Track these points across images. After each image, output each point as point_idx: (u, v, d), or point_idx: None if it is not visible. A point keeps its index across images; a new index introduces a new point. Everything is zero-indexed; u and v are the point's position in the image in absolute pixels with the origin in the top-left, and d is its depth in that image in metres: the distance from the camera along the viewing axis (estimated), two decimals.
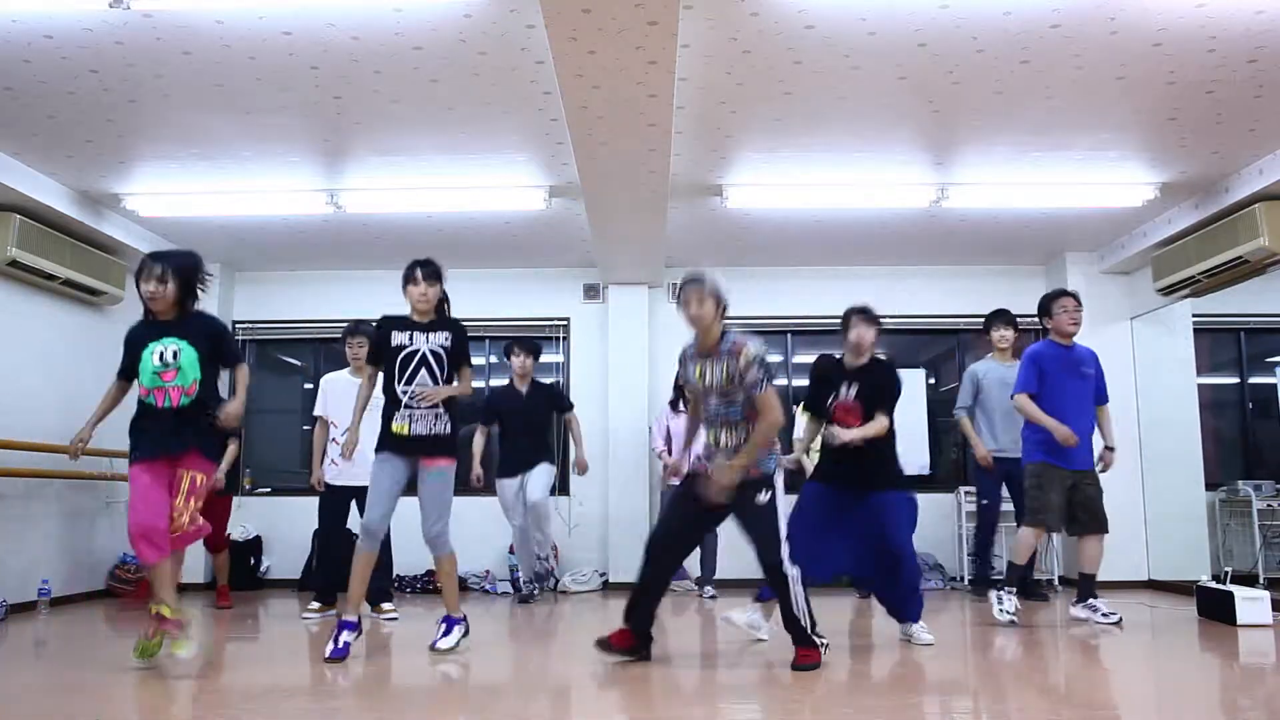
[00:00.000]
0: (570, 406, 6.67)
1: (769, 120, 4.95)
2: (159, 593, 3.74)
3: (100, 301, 6.69)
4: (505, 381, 6.68)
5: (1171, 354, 7.15)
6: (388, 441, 4.12)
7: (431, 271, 4.21)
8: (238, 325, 7.90)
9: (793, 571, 3.74)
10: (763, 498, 3.77)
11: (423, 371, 4.15)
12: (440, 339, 4.20)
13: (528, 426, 6.41)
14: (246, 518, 7.44)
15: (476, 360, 7.94)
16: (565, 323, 7.92)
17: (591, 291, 7.88)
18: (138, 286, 3.86)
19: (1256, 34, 4.03)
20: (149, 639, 3.75)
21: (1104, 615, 4.95)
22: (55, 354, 6.39)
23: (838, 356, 4.57)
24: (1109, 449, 5.11)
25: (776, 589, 3.80)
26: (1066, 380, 4.98)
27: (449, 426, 4.18)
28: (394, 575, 7.16)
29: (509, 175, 5.77)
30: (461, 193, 5.99)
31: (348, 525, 5.59)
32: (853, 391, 4.39)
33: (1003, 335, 6.20)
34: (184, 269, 3.88)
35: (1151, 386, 7.30)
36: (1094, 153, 5.42)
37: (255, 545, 7.35)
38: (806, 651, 3.76)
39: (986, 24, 3.96)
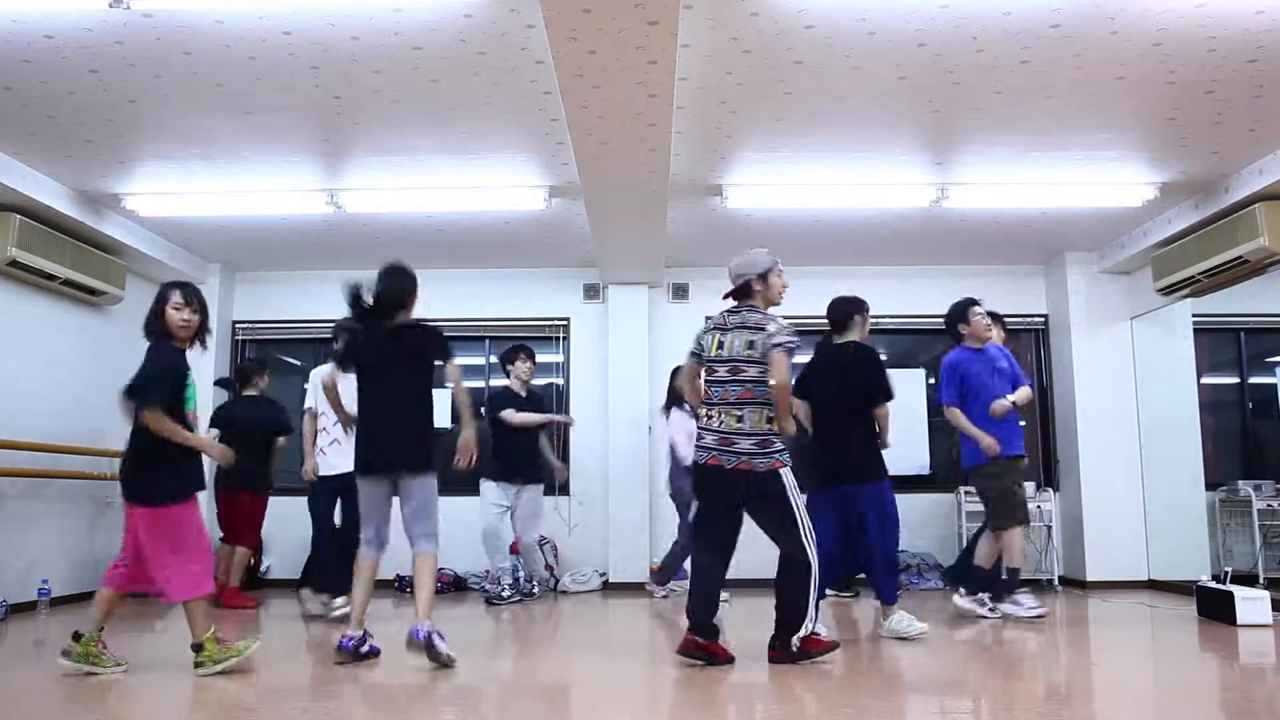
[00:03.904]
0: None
1: (769, 120, 4.95)
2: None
3: (100, 301, 6.68)
4: (503, 383, 6.62)
5: (1171, 354, 7.15)
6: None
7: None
8: (237, 325, 7.91)
9: (814, 562, 3.82)
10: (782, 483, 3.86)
11: None
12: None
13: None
14: None
15: (477, 360, 7.98)
16: (565, 323, 7.92)
17: (591, 291, 7.88)
18: (160, 311, 3.77)
19: (1256, 34, 4.03)
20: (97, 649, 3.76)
21: (1028, 608, 5.18)
22: (55, 354, 6.39)
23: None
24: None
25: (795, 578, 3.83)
26: (988, 380, 5.29)
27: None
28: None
29: (509, 175, 5.77)
30: (461, 193, 5.98)
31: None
32: None
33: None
34: (205, 306, 3.91)
35: (1151, 386, 7.30)
36: (1094, 153, 5.42)
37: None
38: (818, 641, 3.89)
39: (986, 24, 3.96)
